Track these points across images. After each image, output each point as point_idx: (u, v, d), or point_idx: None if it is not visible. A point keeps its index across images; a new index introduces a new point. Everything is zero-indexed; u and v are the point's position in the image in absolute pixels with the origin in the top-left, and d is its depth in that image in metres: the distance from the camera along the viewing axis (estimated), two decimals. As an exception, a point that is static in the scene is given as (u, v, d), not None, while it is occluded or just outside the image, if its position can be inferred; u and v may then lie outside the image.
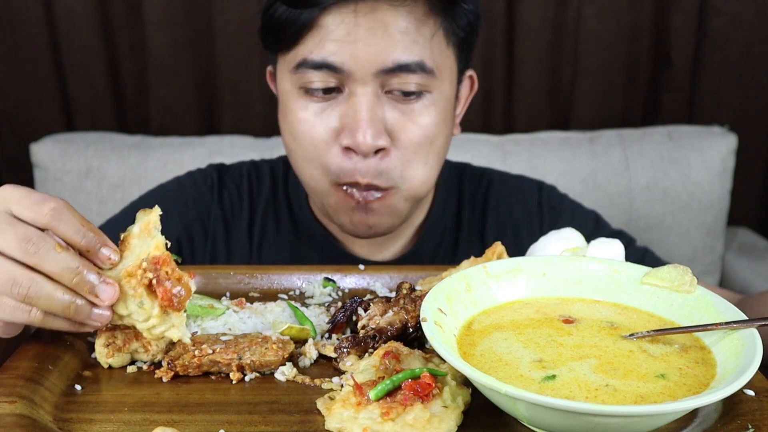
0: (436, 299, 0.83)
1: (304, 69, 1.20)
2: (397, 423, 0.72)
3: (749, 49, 2.55)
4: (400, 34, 1.18)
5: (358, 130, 1.18)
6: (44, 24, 2.43)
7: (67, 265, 0.79)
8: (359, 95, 1.19)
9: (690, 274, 0.88)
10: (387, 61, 1.17)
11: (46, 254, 0.78)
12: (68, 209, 0.81)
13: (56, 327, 0.83)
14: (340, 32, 1.17)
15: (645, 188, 2.35)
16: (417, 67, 1.19)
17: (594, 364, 0.77)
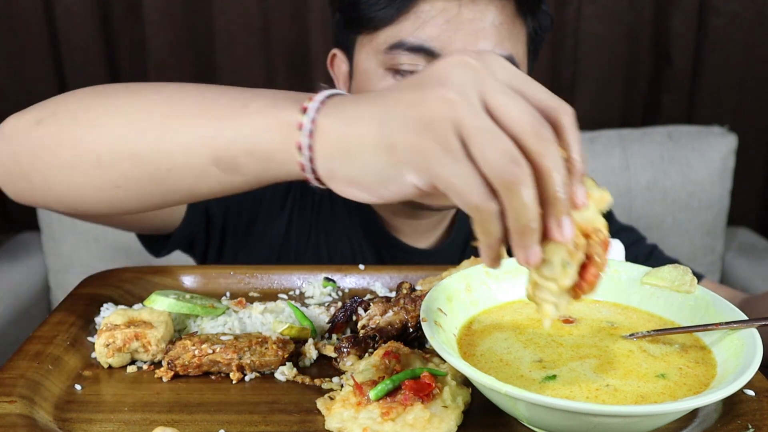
0: (436, 299, 0.83)
1: (399, 50, 1.21)
2: (397, 423, 0.72)
3: (749, 49, 2.55)
4: (495, 28, 1.21)
5: None
6: (44, 24, 2.43)
7: (562, 172, 0.61)
8: None
9: (690, 274, 0.88)
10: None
11: (553, 152, 0.61)
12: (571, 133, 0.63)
13: (484, 234, 0.64)
14: (442, 18, 1.19)
15: (645, 188, 2.35)
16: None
17: (594, 364, 0.77)
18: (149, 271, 1.13)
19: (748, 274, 2.37)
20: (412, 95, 0.64)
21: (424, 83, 0.64)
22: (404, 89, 0.66)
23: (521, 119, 0.61)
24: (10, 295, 2.20)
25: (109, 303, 1.01)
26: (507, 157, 0.59)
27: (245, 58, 2.49)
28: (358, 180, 0.68)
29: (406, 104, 0.64)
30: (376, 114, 0.66)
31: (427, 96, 0.62)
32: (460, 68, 0.63)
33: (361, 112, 0.68)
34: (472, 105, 0.61)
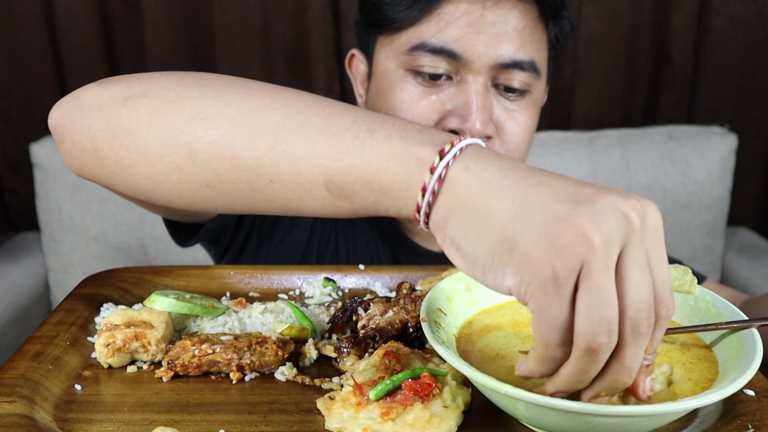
0: (436, 299, 0.83)
1: (421, 52, 1.22)
2: (397, 423, 0.72)
3: (749, 49, 2.55)
4: (516, 31, 1.21)
5: (469, 116, 1.20)
6: (44, 24, 2.43)
7: (634, 367, 0.63)
8: (471, 83, 1.21)
9: (690, 274, 0.88)
10: (504, 56, 1.20)
11: (640, 347, 0.61)
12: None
13: (540, 360, 0.64)
14: (465, 21, 1.19)
15: (645, 188, 2.35)
16: (529, 66, 1.23)
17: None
18: (149, 271, 1.13)
19: (748, 274, 2.37)
20: (561, 209, 0.59)
21: (579, 205, 0.59)
22: (557, 194, 0.60)
23: (638, 303, 0.59)
24: (10, 295, 2.20)
25: (109, 303, 1.00)
26: (604, 326, 0.58)
27: (245, 58, 2.49)
28: (463, 248, 0.65)
29: (552, 214, 0.59)
30: (516, 198, 0.62)
31: (575, 222, 0.58)
32: (619, 216, 0.58)
33: (502, 185, 0.63)
34: (608, 261, 0.58)
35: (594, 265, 0.57)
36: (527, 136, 1.30)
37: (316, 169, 0.73)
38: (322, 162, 0.73)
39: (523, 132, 1.28)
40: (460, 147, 0.67)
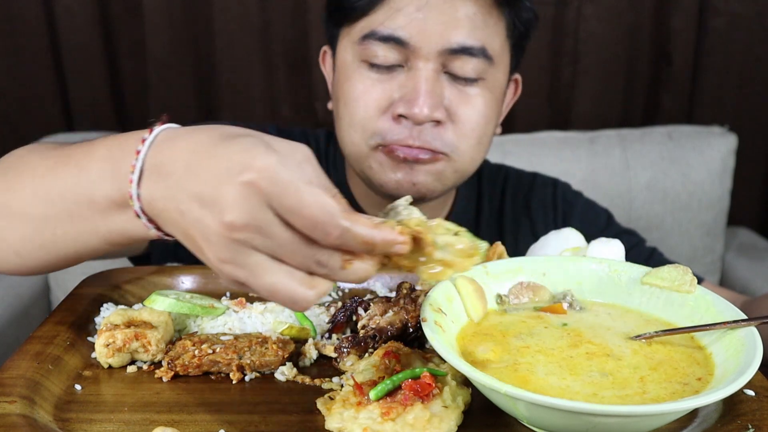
0: (437, 299, 0.83)
1: (371, 41, 1.23)
2: (397, 423, 0.72)
3: (749, 49, 2.55)
4: (468, 18, 1.21)
5: (415, 100, 1.21)
6: (44, 24, 2.43)
7: (365, 274, 0.73)
8: (420, 69, 1.22)
9: (690, 274, 0.88)
10: (452, 42, 1.21)
11: (336, 273, 0.71)
12: (351, 222, 0.69)
13: None
14: (411, 7, 1.20)
15: (645, 188, 2.35)
16: (479, 52, 1.22)
17: (594, 364, 0.77)
18: (149, 271, 1.13)
19: (748, 274, 2.37)
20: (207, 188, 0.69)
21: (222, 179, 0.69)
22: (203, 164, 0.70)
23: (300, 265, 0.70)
24: (10, 295, 2.20)
25: (109, 303, 1.00)
26: None
27: (245, 58, 2.49)
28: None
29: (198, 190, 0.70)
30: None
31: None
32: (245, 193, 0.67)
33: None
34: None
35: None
36: (482, 122, 1.28)
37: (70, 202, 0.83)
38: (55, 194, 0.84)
39: (477, 118, 1.27)
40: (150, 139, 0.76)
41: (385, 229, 0.71)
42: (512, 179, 1.58)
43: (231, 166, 0.68)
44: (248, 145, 0.69)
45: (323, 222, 0.67)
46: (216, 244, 0.69)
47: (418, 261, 0.74)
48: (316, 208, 0.67)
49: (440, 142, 1.25)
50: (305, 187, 0.68)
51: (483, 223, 1.52)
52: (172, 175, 0.72)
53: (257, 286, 0.70)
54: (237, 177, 0.67)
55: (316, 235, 0.68)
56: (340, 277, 0.72)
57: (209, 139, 0.71)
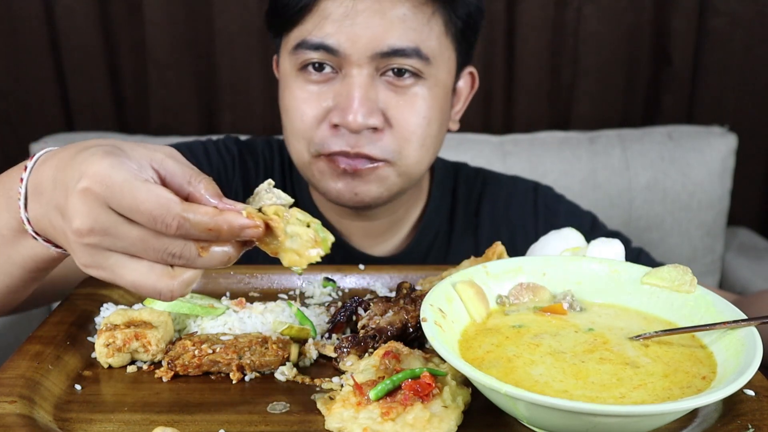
0: (437, 299, 0.83)
1: (303, 50, 1.22)
2: (397, 423, 0.72)
3: (749, 49, 2.55)
4: (398, 19, 1.19)
5: (349, 109, 1.18)
6: (44, 24, 2.43)
7: (225, 258, 0.75)
8: (354, 76, 1.20)
9: (690, 274, 0.88)
10: (383, 45, 1.18)
11: (194, 261, 0.73)
12: (191, 212, 0.71)
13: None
14: (338, 14, 1.18)
15: (645, 188, 2.35)
16: (413, 53, 1.20)
17: (594, 364, 0.77)
18: (149, 271, 1.12)
19: (748, 274, 2.37)
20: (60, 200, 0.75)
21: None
22: (60, 181, 0.75)
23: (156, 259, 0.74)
24: (10, 295, 2.20)
25: (109, 303, 1.00)
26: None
27: (245, 58, 2.49)
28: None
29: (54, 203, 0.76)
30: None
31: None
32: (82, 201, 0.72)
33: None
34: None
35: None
36: (423, 124, 1.24)
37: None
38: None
39: (417, 120, 1.23)
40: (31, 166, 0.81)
41: (229, 215, 0.72)
42: (491, 184, 1.54)
43: (73, 176, 0.72)
44: (88, 154, 0.72)
45: (161, 215, 0.70)
46: (75, 250, 0.74)
47: (274, 247, 0.76)
48: (151, 202, 0.70)
49: (379, 149, 1.22)
50: (139, 184, 0.70)
51: (457, 230, 1.48)
52: (44, 193, 0.78)
53: (122, 283, 0.74)
54: (75, 186, 0.71)
55: (159, 228, 0.71)
56: (201, 264, 0.74)
57: (68, 155, 0.76)
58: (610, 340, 0.82)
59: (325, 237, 0.77)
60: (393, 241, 1.46)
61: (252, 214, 0.74)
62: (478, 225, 1.49)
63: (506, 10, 2.50)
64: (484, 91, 2.56)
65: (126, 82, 2.55)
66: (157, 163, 0.75)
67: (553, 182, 2.28)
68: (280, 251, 0.76)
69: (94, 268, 0.74)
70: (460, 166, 1.57)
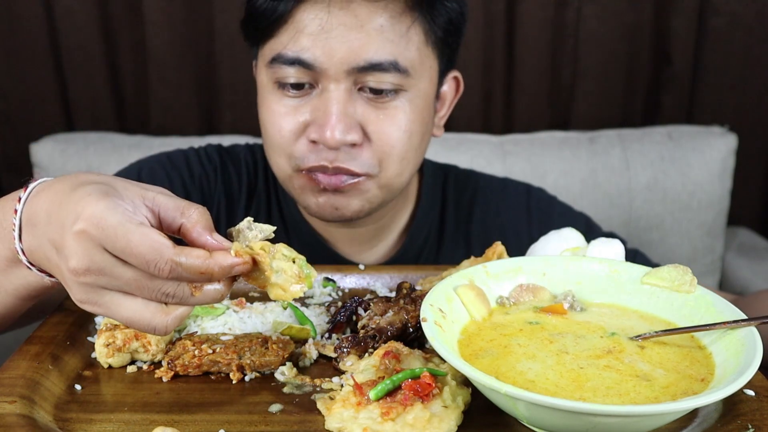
0: (437, 299, 0.83)
1: (278, 64, 1.19)
2: (397, 423, 0.72)
3: (749, 49, 2.55)
4: (375, 31, 1.16)
5: (326, 125, 1.16)
6: (44, 24, 2.43)
7: (217, 295, 0.77)
8: (331, 91, 1.17)
9: (690, 274, 0.88)
10: (359, 60, 1.15)
11: (188, 299, 0.76)
12: (183, 256, 0.73)
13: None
14: (314, 27, 1.15)
15: (645, 188, 2.35)
16: (390, 66, 1.17)
17: (594, 364, 0.77)
18: (149, 271, 1.12)
19: (748, 274, 2.37)
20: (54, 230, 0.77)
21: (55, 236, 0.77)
22: (54, 222, 0.77)
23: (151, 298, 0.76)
24: (10, 295, 2.20)
25: (109, 303, 1.00)
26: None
27: (245, 58, 2.47)
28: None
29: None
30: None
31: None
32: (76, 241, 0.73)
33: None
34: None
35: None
36: (403, 138, 1.21)
37: None
38: None
39: (397, 134, 1.20)
40: (24, 198, 0.82)
41: (219, 256, 0.75)
42: (482, 187, 1.51)
43: (69, 216, 0.74)
44: (84, 193, 0.74)
45: (154, 259, 0.72)
46: (71, 287, 0.76)
47: (261, 281, 0.79)
48: (144, 247, 0.72)
49: (358, 164, 1.19)
50: (134, 227, 0.72)
51: (447, 233, 1.46)
52: (38, 225, 0.80)
53: (117, 319, 0.76)
54: (72, 227, 0.73)
55: (152, 272, 0.73)
56: (194, 302, 0.76)
57: (63, 189, 0.77)
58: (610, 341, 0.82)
59: (308, 273, 0.80)
60: (381, 247, 1.43)
61: (240, 251, 0.76)
62: (469, 230, 1.47)
63: (506, 10, 2.49)
64: (484, 91, 2.56)
65: (126, 82, 2.55)
66: (150, 200, 0.77)
67: (553, 182, 2.29)
68: (267, 285, 0.79)
69: (90, 305, 0.76)
70: (450, 169, 1.54)
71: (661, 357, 0.79)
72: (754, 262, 2.44)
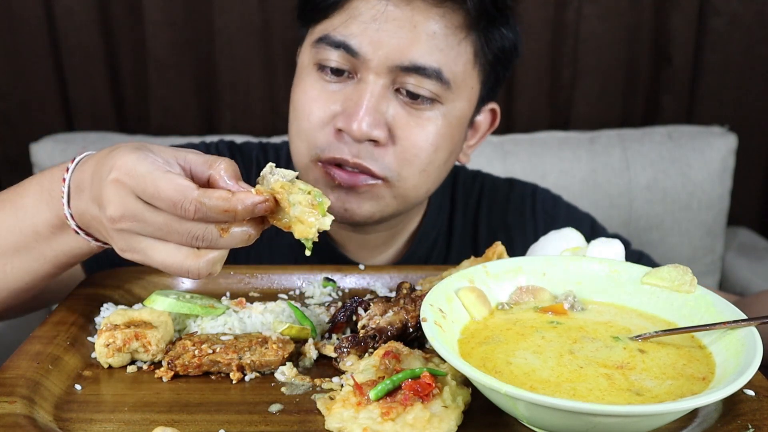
0: (437, 299, 0.83)
1: (323, 45, 1.18)
2: (397, 423, 0.72)
3: (749, 49, 2.55)
4: (427, 35, 1.15)
5: (355, 115, 1.14)
6: (44, 24, 2.43)
7: (246, 237, 0.82)
8: (368, 83, 1.16)
9: (690, 274, 0.88)
10: (404, 59, 1.14)
11: (217, 242, 0.81)
12: (206, 197, 0.78)
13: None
14: (367, 16, 1.15)
15: (645, 188, 2.35)
16: (433, 73, 1.16)
17: (594, 364, 0.77)
18: (149, 271, 1.12)
19: (748, 274, 2.38)
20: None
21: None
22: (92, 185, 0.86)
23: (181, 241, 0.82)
24: (10, 295, 2.20)
25: (109, 303, 1.01)
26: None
27: (245, 58, 2.49)
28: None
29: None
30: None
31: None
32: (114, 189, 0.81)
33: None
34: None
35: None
36: (429, 150, 1.19)
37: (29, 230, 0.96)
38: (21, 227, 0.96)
39: (424, 144, 1.18)
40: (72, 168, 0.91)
41: (241, 195, 0.79)
42: (488, 189, 1.50)
43: (105, 169, 0.82)
44: (119, 151, 0.82)
45: (179, 200, 0.78)
46: (112, 236, 0.84)
47: (287, 221, 0.83)
48: (170, 190, 0.78)
49: (378, 164, 1.17)
50: (160, 174, 0.79)
51: (455, 235, 1.45)
52: (84, 190, 0.87)
53: (153, 264, 0.83)
54: (107, 177, 0.81)
55: (180, 213, 0.79)
56: (224, 245, 0.81)
57: (103, 154, 0.86)
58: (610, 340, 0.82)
59: (321, 202, 0.84)
60: (389, 252, 1.43)
61: (260, 190, 0.81)
62: (476, 230, 1.46)
63: (506, 10, 2.49)
64: (484, 91, 2.56)
65: (126, 82, 2.55)
66: (181, 159, 0.83)
67: (553, 182, 2.29)
68: (291, 224, 0.83)
69: (129, 252, 0.84)
70: (458, 170, 1.53)
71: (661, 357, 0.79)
72: (754, 262, 2.44)
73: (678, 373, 0.76)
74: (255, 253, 1.41)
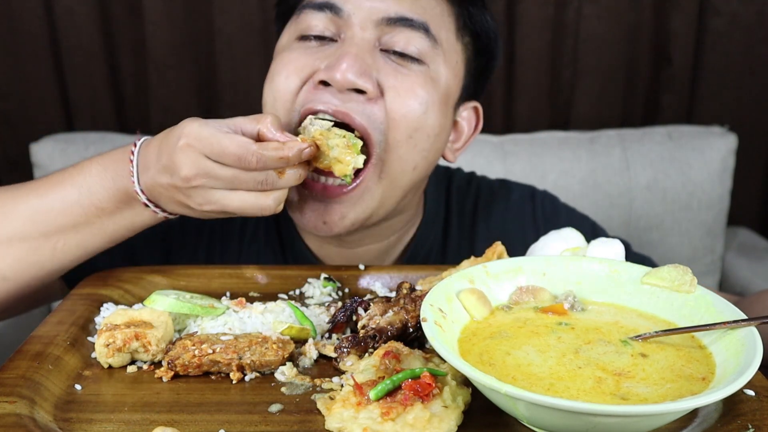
0: (437, 299, 0.83)
1: (306, 10, 1.15)
2: (397, 423, 0.72)
3: (749, 49, 2.55)
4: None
5: (338, 64, 1.08)
6: (44, 24, 2.43)
7: (298, 176, 1.00)
8: (353, 37, 1.12)
9: (690, 274, 0.88)
10: (390, 11, 1.12)
11: (277, 183, 0.99)
12: (263, 149, 0.96)
13: None
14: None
15: (645, 188, 2.35)
16: (421, 27, 1.13)
17: (594, 364, 0.77)
18: (149, 271, 1.13)
19: (748, 274, 2.38)
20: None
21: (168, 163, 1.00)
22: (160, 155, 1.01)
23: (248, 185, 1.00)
24: (10, 295, 2.20)
25: (109, 303, 1.01)
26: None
27: (245, 58, 2.49)
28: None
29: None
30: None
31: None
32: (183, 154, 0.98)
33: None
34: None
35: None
36: (419, 110, 1.12)
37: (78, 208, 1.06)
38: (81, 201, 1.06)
39: (413, 102, 1.12)
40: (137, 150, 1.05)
41: (291, 143, 0.97)
42: (484, 194, 1.44)
43: (173, 140, 0.98)
44: (183, 123, 1.00)
45: (243, 155, 0.95)
46: (189, 196, 0.99)
47: (328, 162, 1.03)
48: (234, 147, 0.95)
49: (367, 117, 1.10)
50: (223, 135, 0.96)
51: (452, 240, 1.39)
52: (150, 167, 1.01)
53: (230, 210, 1.00)
54: (177, 144, 0.97)
55: (244, 166, 0.96)
56: (283, 184, 1.00)
57: (164, 133, 1.03)
58: (609, 341, 0.82)
59: (355, 143, 1.03)
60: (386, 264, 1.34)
61: (304, 138, 1.01)
62: (473, 235, 1.41)
63: (506, 10, 2.50)
64: (484, 91, 2.56)
65: (126, 82, 2.55)
66: (231, 123, 1.00)
67: (553, 182, 2.29)
68: (331, 164, 1.03)
69: (207, 204, 0.99)
70: (452, 174, 1.48)
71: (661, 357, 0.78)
72: (754, 262, 2.44)
73: (678, 374, 0.76)
74: (218, 244, 1.38)
